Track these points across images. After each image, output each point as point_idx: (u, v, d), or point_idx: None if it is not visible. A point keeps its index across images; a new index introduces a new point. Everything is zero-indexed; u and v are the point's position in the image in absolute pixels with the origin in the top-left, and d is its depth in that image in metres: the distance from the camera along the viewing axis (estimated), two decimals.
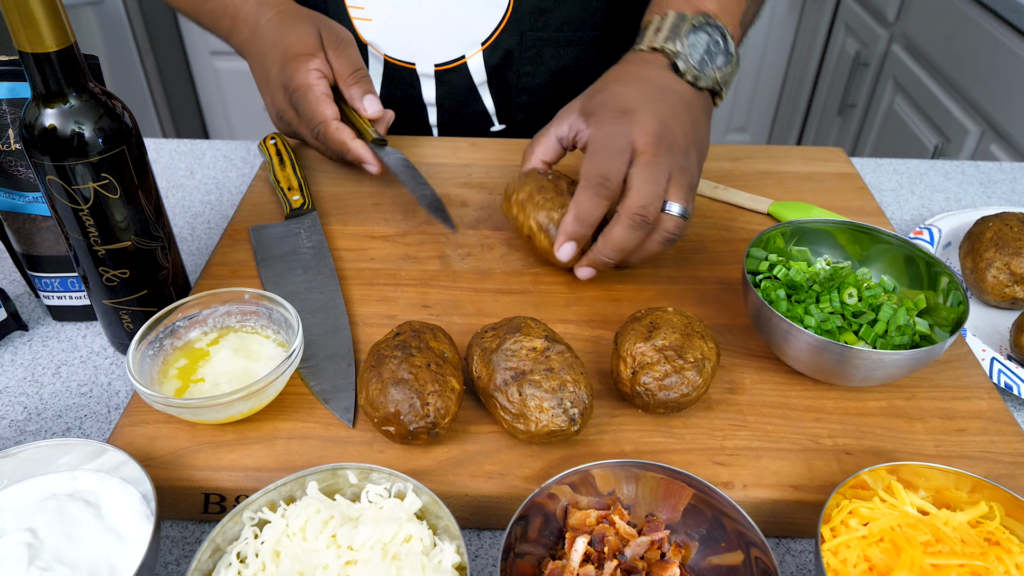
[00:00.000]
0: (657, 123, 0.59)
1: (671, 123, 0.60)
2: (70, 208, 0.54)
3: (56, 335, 0.66)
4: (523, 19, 0.82)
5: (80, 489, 0.48)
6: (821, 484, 0.50)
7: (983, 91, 1.49)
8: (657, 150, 0.58)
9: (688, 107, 0.63)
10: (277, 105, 0.75)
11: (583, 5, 0.83)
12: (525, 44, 0.84)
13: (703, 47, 0.64)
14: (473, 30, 0.82)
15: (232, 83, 2.26)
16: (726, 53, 0.65)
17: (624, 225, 0.58)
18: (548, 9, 0.82)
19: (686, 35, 0.64)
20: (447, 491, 0.50)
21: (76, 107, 0.52)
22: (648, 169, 0.58)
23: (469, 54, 0.84)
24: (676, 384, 0.51)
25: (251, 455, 0.51)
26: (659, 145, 0.59)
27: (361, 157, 0.72)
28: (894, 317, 0.55)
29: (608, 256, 0.60)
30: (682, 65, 0.64)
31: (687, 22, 0.64)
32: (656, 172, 0.58)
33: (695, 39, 0.64)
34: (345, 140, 0.71)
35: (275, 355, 0.56)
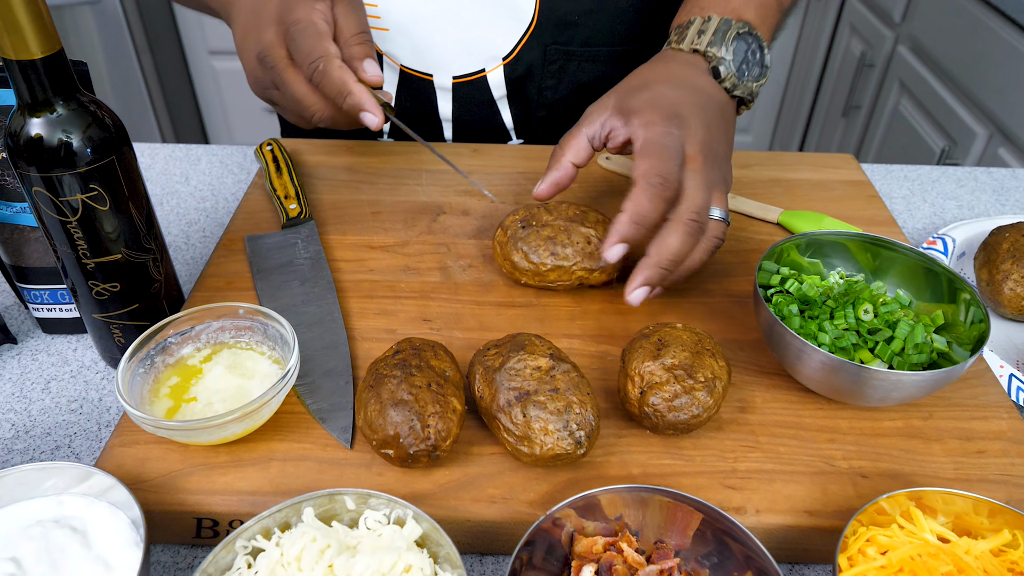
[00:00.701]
0: (705, 130, 0.59)
1: (716, 131, 0.60)
2: (58, 220, 0.52)
3: (46, 348, 0.64)
4: (547, 33, 0.79)
5: (67, 515, 0.46)
6: (837, 509, 0.49)
7: (991, 93, 1.47)
8: (707, 157, 0.58)
9: (725, 114, 0.63)
10: (264, 41, 0.62)
11: (611, 19, 0.80)
12: (549, 59, 0.81)
13: (742, 56, 0.64)
14: (494, 45, 0.80)
15: (231, 83, 2.24)
16: (761, 64, 0.65)
17: (680, 231, 0.55)
18: (574, 23, 0.79)
19: (731, 41, 0.63)
20: (448, 516, 0.48)
21: (63, 116, 0.50)
22: (700, 175, 0.57)
23: (489, 68, 0.81)
24: (686, 405, 0.50)
25: (245, 478, 0.49)
26: (708, 152, 0.58)
27: (362, 102, 0.60)
28: (911, 334, 0.53)
29: (665, 266, 0.56)
30: (724, 71, 0.63)
31: (733, 29, 0.63)
32: (707, 179, 0.57)
33: (737, 47, 0.64)
34: (347, 80, 0.60)
35: (270, 372, 0.54)
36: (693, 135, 0.58)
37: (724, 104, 0.63)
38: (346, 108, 0.61)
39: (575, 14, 0.78)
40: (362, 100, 0.61)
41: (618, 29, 0.81)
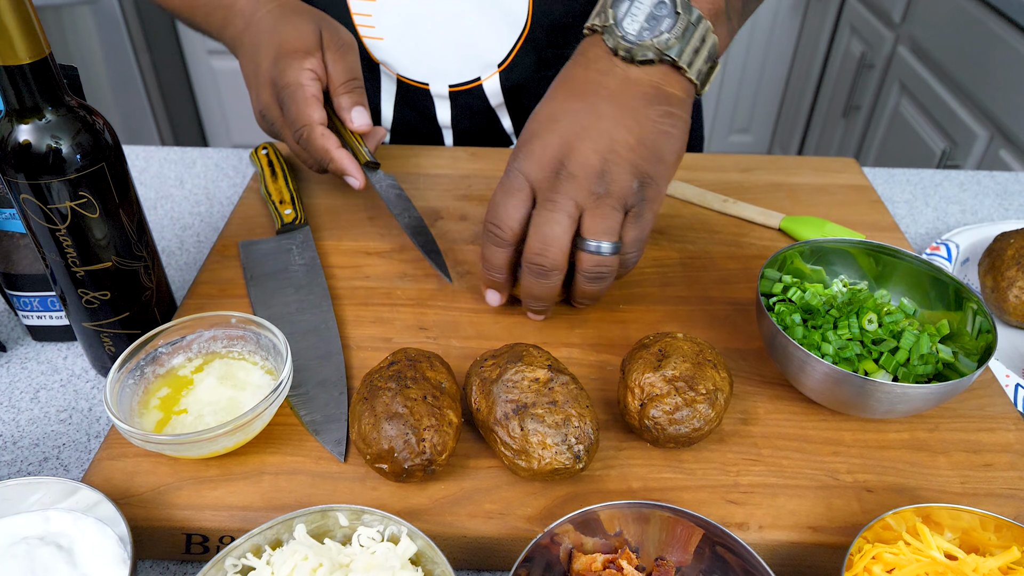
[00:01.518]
0: (556, 148, 0.52)
1: (576, 142, 0.52)
2: (46, 228, 0.51)
3: (36, 356, 0.63)
4: (541, 38, 0.78)
5: (52, 531, 0.45)
6: (841, 525, 0.48)
7: (991, 95, 1.46)
8: (555, 182, 0.52)
9: (618, 101, 0.52)
10: (262, 101, 0.67)
11: None
12: (544, 63, 0.79)
13: (643, 14, 0.52)
14: (488, 52, 0.79)
15: (229, 83, 2.23)
16: (672, 14, 0.52)
17: (526, 274, 0.55)
18: (568, 25, 0.77)
19: (612, 5, 0.53)
20: (444, 532, 0.47)
21: (52, 122, 0.49)
22: (544, 209, 0.53)
23: (485, 76, 0.80)
24: (687, 418, 0.48)
25: (236, 492, 0.48)
26: (558, 175, 0.52)
27: (344, 168, 0.65)
28: (917, 345, 0.52)
29: (531, 306, 0.58)
30: (610, 40, 0.53)
31: None
32: (554, 210, 0.52)
33: (631, 6, 0.52)
34: (329, 148, 0.65)
35: (263, 383, 0.53)
36: (535, 161, 0.52)
37: (618, 87, 0.53)
38: (331, 171, 0.66)
39: (569, 17, 0.77)
40: (344, 166, 0.65)
41: None
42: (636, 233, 0.55)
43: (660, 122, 0.53)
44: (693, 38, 0.53)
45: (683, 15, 0.52)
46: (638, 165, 0.52)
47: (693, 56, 0.53)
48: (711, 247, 0.70)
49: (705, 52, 0.54)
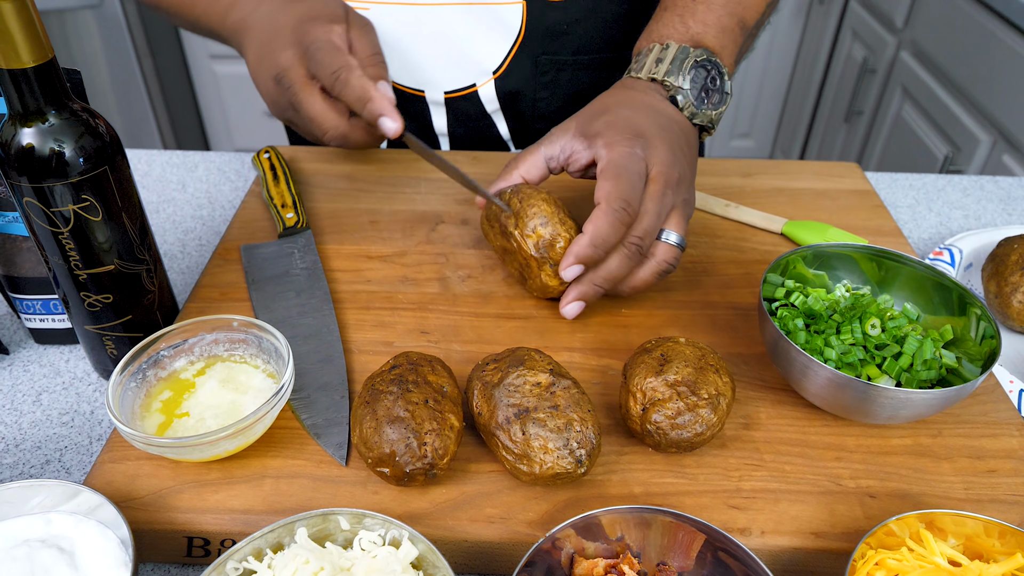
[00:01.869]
0: (669, 153, 0.59)
1: (678, 154, 0.59)
2: (49, 231, 0.51)
3: (38, 359, 0.63)
4: (536, 44, 0.78)
5: (54, 534, 0.45)
6: (844, 531, 0.47)
7: (994, 100, 1.46)
8: (667, 180, 0.58)
9: (688, 138, 0.62)
10: (281, 64, 0.64)
11: (601, 27, 0.79)
12: (540, 69, 0.80)
13: (700, 84, 0.63)
14: (483, 59, 0.79)
15: (232, 87, 2.24)
16: (721, 92, 0.64)
17: (620, 253, 0.57)
18: (563, 32, 0.78)
19: (688, 70, 0.63)
20: (445, 536, 0.47)
21: (55, 125, 0.49)
22: (657, 199, 0.57)
23: (480, 82, 0.80)
24: (689, 423, 0.48)
25: (237, 496, 0.48)
26: (669, 175, 0.58)
27: (382, 108, 0.62)
28: (920, 350, 0.52)
29: (600, 284, 0.58)
30: (682, 100, 0.63)
31: (690, 57, 0.63)
32: (663, 203, 0.58)
33: (695, 75, 0.63)
34: (368, 87, 0.61)
35: (264, 387, 0.53)
36: (656, 156, 0.58)
37: (687, 128, 0.63)
38: (366, 114, 0.62)
39: (563, 23, 0.77)
40: (383, 105, 0.62)
41: (609, 35, 0.80)
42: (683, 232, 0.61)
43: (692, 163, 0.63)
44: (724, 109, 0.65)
45: (728, 96, 0.65)
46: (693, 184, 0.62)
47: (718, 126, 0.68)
48: (713, 252, 0.70)
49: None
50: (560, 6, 0.76)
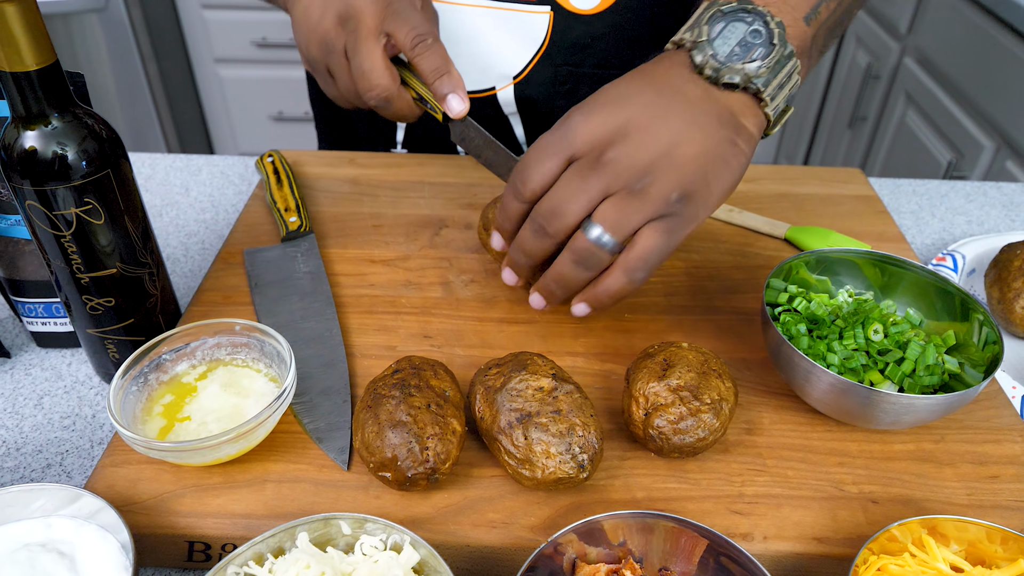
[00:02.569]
0: (612, 128, 0.49)
1: (635, 131, 0.49)
2: (51, 234, 0.51)
3: (40, 363, 0.63)
4: (559, 55, 0.78)
5: (54, 538, 0.45)
6: (847, 536, 0.47)
7: (998, 106, 1.45)
8: (595, 160, 0.49)
9: (692, 111, 0.50)
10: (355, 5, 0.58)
11: (624, 44, 0.78)
12: (560, 79, 0.79)
13: (736, 38, 0.50)
14: (505, 65, 0.78)
15: (236, 91, 2.24)
16: (768, 44, 0.50)
17: (526, 226, 0.53)
18: (586, 45, 0.77)
19: (707, 22, 0.51)
20: (447, 541, 0.46)
21: (58, 128, 0.49)
22: (573, 179, 0.50)
23: (500, 86, 0.80)
24: (692, 428, 0.48)
25: (239, 500, 0.48)
26: (602, 155, 0.49)
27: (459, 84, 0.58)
28: (923, 356, 0.52)
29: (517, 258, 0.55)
30: (698, 57, 0.50)
31: (715, 7, 0.52)
32: (580, 188, 0.49)
33: (725, 27, 0.51)
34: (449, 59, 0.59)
35: (266, 391, 0.53)
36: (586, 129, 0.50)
37: (699, 101, 0.50)
38: (437, 86, 0.58)
39: (588, 37, 0.77)
40: (459, 82, 0.58)
41: (631, 54, 0.79)
42: (655, 243, 0.50)
43: (724, 147, 0.50)
44: (781, 72, 0.51)
45: (778, 47, 0.50)
46: (686, 179, 0.49)
47: (777, 91, 0.51)
48: (716, 256, 0.70)
49: (787, 90, 0.52)
50: (586, 20, 0.76)
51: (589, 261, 0.51)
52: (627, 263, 0.51)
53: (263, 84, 2.21)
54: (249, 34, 2.12)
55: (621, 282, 0.52)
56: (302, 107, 2.25)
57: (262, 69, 2.19)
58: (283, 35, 2.12)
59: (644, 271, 0.51)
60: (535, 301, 0.57)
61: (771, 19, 0.51)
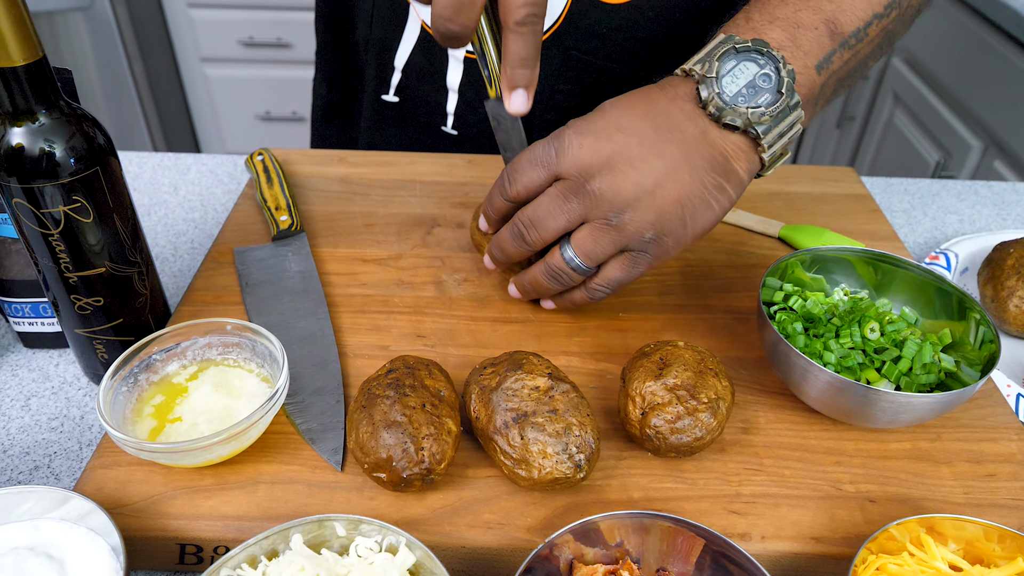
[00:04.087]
0: (603, 158, 0.50)
1: (624, 165, 0.50)
2: (39, 232, 0.50)
3: (26, 363, 0.62)
4: (571, 38, 0.76)
5: (43, 541, 0.44)
6: (845, 536, 0.47)
7: (986, 106, 1.46)
8: (580, 187, 0.51)
9: (685, 151, 0.51)
10: None
11: (638, 43, 0.77)
12: (568, 64, 0.77)
13: (745, 79, 0.51)
14: None
15: (223, 91, 2.23)
16: (775, 91, 0.51)
17: (507, 227, 0.56)
18: (601, 35, 0.75)
19: (720, 58, 0.52)
20: (443, 542, 0.46)
21: (46, 125, 0.48)
22: (556, 198, 0.52)
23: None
24: (689, 427, 0.48)
25: (231, 502, 0.47)
26: (588, 183, 0.51)
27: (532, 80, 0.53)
28: (919, 354, 0.52)
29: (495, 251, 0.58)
30: (704, 92, 0.51)
31: (729, 44, 0.52)
32: (561, 209, 0.52)
33: (735, 66, 0.52)
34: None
35: (258, 391, 0.52)
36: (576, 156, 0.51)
37: (695, 141, 0.51)
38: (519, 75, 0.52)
39: (604, 26, 0.75)
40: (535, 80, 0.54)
41: (643, 54, 0.78)
42: (619, 275, 0.55)
43: (708, 191, 0.52)
44: (784, 122, 0.52)
45: (785, 97, 0.51)
46: (663, 220, 0.51)
47: (776, 139, 0.52)
48: (710, 255, 0.70)
49: (787, 138, 0.53)
50: (606, 8, 0.74)
51: (561, 278, 0.56)
52: (590, 285, 0.56)
53: (250, 84, 2.20)
54: (236, 33, 2.11)
55: (584, 298, 0.58)
56: (289, 107, 2.23)
57: (249, 68, 2.18)
58: (270, 34, 2.10)
59: (605, 293, 0.57)
60: (512, 291, 0.61)
61: (783, 66, 0.52)
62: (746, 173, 0.53)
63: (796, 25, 0.54)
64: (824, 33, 0.54)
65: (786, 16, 0.54)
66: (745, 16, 0.55)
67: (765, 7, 0.55)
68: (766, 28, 0.53)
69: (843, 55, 0.55)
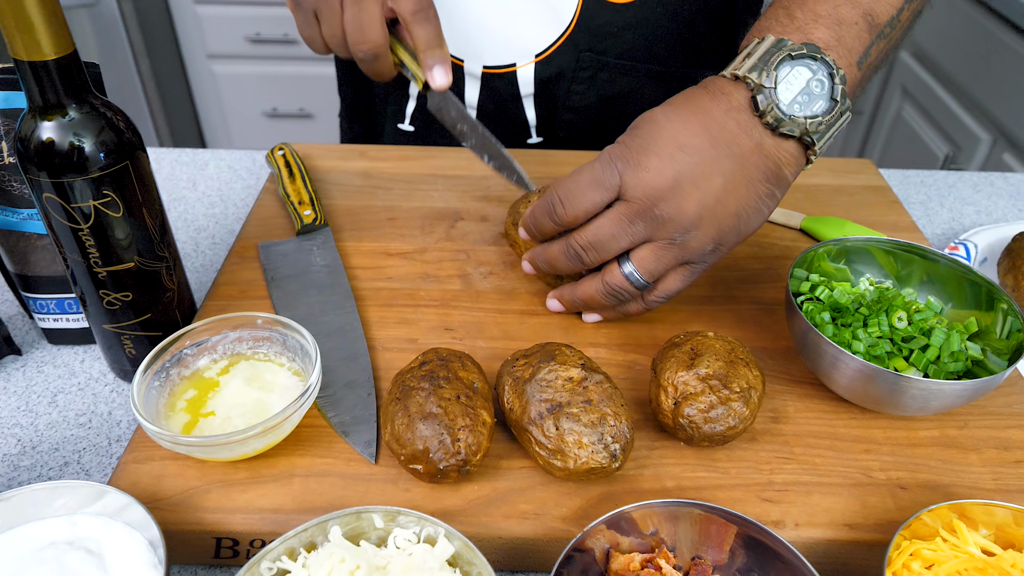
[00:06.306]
0: (668, 180, 0.50)
1: (688, 186, 0.51)
2: (68, 227, 0.50)
3: (52, 360, 0.62)
4: (583, 39, 0.77)
5: (80, 536, 0.44)
6: (877, 522, 0.47)
7: (994, 99, 1.46)
8: (644, 208, 0.51)
9: (742, 164, 0.51)
10: None
11: (649, 38, 0.78)
12: (581, 64, 0.79)
13: (799, 85, 0.51)
14: (530, 41, 0.78)
15: (230, 88, 2.22)
16: (829, 98, 0.51)
17: (560, 247, 0.55)
18: (612, 34, 0.77)
19: (777, 65, 0.50)
20: (479, 533, 0.46)
21: (76, 119, 0.48)
22: (616, 217, 0.52)
23: (521, 63, 0.79)
24: (722, 416, 0.48)
25: (266, 495, 0.48)
26: (654, 206, 0.51)
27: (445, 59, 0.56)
28: (947, 342, 0.52)
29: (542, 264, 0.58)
30: (763, 102, 0.50)
31: (784, 50, 0.50)
32: (625, 228, 0.52)
33: (791, 73, 0.51)
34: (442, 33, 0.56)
35: (290, 385, 0.52)
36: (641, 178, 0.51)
37: (751, 155, 0.51)
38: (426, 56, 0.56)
39: (614, 26, 0.76)
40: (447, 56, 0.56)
41: (655, 48, 0.79)
42: (679, 286, 0.56)
43: (762, 200, 0.53)
44: (835, 126, 0.52)
45: (839, 103, 0.51)
46: (722, 233, 0.53)
47: (827, 143, 0.53)
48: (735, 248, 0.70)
49: (834, 138, 0.53)
50: (616, 8, 0.75)
51: (620, 294, 0.56)
52: (649, 297, 0.57)
53: (257, 80, 2.20)
54: (242, 29, 2.10)
55: (639, 309, 0.58)
56: (296, 103, 2.23)
57: (256, 65, 2.17)
58: (277, 31, 2.10)
59: (661, 303, 0.57)
60: (553, 306, 0.61)
61: (836, 71, 0.51)
62: (793, 176, 0.54)
63: (839, 22, 0.53)
64: (864, 28, 0.53)
65: (828, 13, 0.53)
66: (787, 13, 0.54)
67: (805, 2, 0.54)
68: (811, 27, 0.52)
69: (879, 45, 0.55)
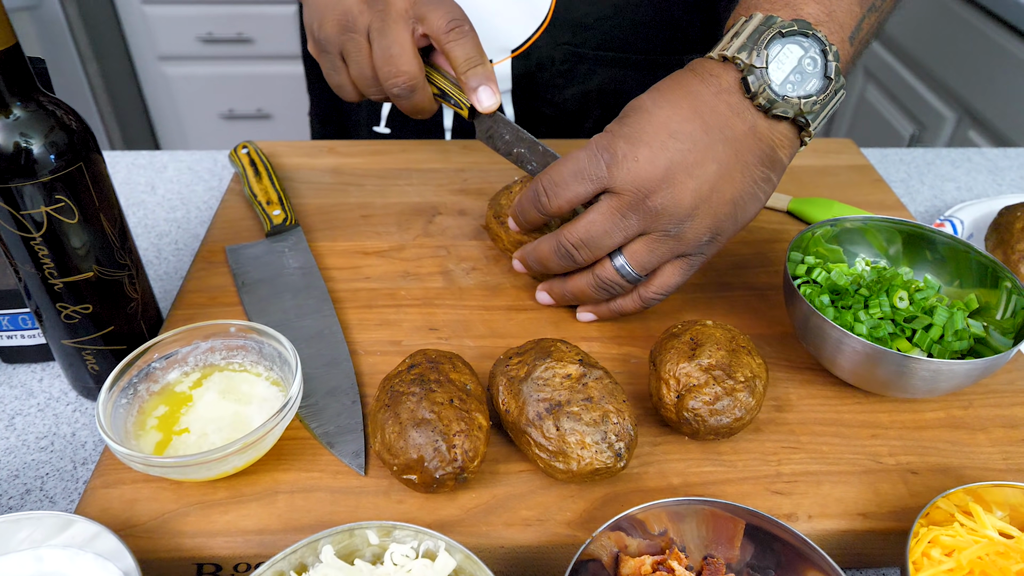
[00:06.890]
0: (660, 170, 0.48)
1: (682, 175, 0.48)
2: (19, 236, 0.46)
3: (8, 380, 0.58)
4: (561, 32, 0.75)
5: (47, 572, 0.40)
6: (891, 510, 0.46)
7: (957, 77, 1.48)
8: (637, 203, 0.49)
9: (736, 149, 0.49)
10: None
11: (627, 28, 0.76)
12: (559, 57, 0.76)
13: (791, 63, 0.48)
14: (506, 37, 0.75)
15: (184, 90, 2.15)
16: (823, 76, 0.49)
17: (550, 244, 0.53)
18: (589, 25, 0.74)
19: (766, 44, 0.48)
20: (480, 544, 0.43)
21: (22, 119, 0.44)
22: (606, 211, 0.49)
23: (497, 60, 0.76)
24: (728, 407, 0.46)
25: (249, 515, 0.44)
26: (646, 199, 0.48)
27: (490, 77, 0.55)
28: (951, 321, 0.51)
29: (531, 262, 0.55)
30: (754, 83, 0.48)
31: (773, 28, 0.48)
32: (618, 225, 0.50)
33: (782, 51, 0.48)
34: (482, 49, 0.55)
35: (269, 396, 0.49)
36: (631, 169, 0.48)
37: (744, 139, 0.49)
38: (469, 75, 0.55)
39: (591, 17, 0.74)
40: (491, 73, 0.55)
41: (634, 38, 0.77)
42: (677, 280, 0.53)
43: (757, 185, 0.51)
44: (830, 104, 0.50)
45: (833, 81, 0.49)
46: (719, 222, 0.50)
47: (822, 122, 0.50)
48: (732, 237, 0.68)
49: (829, 116, 0.51)
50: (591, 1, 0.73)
51: (612, 288, 0.54)
52: (646, 293, 0.54)
53: (211, 81, 2.13)
54: (194, 29, 2.03)
55: (636, 305, 0.55)
56: (254, 103, 2.17)
57: (210, 66, 2.11)
58: (230, 30, 2.03)
59: (659, 299, 0.54)
60: (543, 299, 0.59)
61: (829, 48, 0.49)
62: (789, 159, 0.52)
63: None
64: (855, 1, 0.51)
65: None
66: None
67: None
68: (801, 2, 0.50)
69: (871, 19, 0.53)
